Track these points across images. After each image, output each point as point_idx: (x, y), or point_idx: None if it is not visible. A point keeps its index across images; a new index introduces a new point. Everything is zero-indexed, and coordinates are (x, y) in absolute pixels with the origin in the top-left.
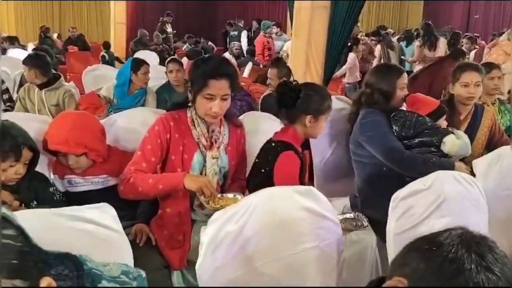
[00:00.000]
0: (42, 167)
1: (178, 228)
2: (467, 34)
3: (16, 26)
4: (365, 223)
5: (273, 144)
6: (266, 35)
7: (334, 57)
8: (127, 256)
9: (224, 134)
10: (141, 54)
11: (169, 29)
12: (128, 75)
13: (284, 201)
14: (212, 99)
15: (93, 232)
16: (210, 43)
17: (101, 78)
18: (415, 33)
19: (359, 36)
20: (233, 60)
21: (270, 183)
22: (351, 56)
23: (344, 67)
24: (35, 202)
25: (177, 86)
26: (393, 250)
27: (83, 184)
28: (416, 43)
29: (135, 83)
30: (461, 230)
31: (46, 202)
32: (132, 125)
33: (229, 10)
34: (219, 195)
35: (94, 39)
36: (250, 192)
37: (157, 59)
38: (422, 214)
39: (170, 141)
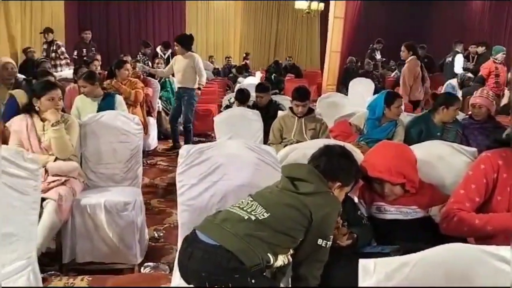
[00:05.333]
0: None
1: None
2: None
3: (239, 52)
4: None
5: None
6: (497, 60)
7: None
8: None
9: None
10: (357, 81)
11: (378, 56)
12: (382, 109)
13: None
14: None
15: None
16: None
17: (334, 105)
18: None
19: None
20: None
21: None
22: None
23: None
24: (345, 223)
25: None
26: None
27: (392, 213)
28: None
29: (387, 116)
30: None
31: (355, 224)
32: (429, 158)
33: (441, 36)
34: None
35: (303, 67)
36: None
37: (373, 86)
38: None
39: (497, 181)
